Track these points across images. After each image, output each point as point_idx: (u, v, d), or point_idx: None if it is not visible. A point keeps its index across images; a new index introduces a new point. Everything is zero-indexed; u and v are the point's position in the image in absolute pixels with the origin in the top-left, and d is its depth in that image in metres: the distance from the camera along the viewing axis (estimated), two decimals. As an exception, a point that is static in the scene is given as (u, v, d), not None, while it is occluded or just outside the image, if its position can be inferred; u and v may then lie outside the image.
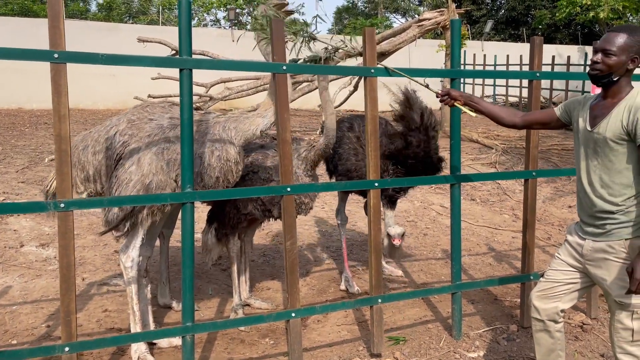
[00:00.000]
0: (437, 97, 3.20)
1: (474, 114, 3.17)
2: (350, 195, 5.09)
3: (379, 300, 3.48)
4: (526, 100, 3.63)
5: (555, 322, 2.74)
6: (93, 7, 31.43)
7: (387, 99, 4.38)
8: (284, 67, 3.11)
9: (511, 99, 19.45)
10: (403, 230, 4.17)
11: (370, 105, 3.39)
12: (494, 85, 20.10)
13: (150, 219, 3.37)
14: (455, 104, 3.14)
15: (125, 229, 3.36)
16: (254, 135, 3.47)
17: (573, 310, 4.18)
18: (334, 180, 4.71)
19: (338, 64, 5.48)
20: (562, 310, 2.74)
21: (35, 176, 8.33)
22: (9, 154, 9.68)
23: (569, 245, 2.74)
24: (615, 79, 2.51)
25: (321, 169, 4.80)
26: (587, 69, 2.64)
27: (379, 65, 3.35)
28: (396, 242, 4.12)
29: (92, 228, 5.94)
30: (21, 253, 5.20)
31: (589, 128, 2.59)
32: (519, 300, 4.03)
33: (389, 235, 4.16)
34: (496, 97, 20.19)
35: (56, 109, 2.63)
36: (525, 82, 15.35)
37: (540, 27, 29.48)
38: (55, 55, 2.59)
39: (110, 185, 3.33)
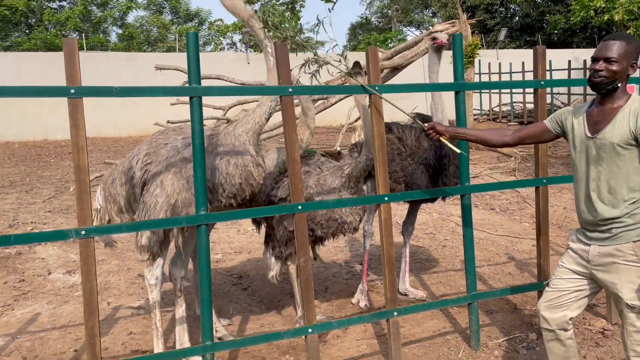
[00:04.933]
0: (423, 130, 3.29)
1: (458, 151, 3.28)
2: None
3: (395, 314, 3.52)
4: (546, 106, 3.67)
5: (565, 330, 2.75)
6: (113, 38, 32.30)
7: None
8: (290, 90, 3.22)
9: (529, 106, 19.30)
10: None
11: (376, 121, 3.47)
12: (511, 92, 19.99)
13: (181, 238, 3.51)
14: (441, 138, 3.19)
15: (158, 249, 3.50)
16: (261, 126, 3.52)
17: (593, 316, 4.15)
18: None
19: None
20: (571, 318, 2.74)
21: (61, 205, 8.59)
22: (36, 185, 9.99)
23: (573, 252, 2.75)
24: (618, 85, 2.56)
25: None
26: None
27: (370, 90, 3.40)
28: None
29: (117, 253, 6.10)
30: (49, 280, 5.37)
31: (589, 134, 2.63)
32: (538, 308, 4.01)
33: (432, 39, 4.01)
34: (514, 104, 20.05)
35: (74, 141, 2.77)
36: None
37: (555, 32, 29.24)
38: (72, 91, 2.74)
39: (139, 211, 3.47)
